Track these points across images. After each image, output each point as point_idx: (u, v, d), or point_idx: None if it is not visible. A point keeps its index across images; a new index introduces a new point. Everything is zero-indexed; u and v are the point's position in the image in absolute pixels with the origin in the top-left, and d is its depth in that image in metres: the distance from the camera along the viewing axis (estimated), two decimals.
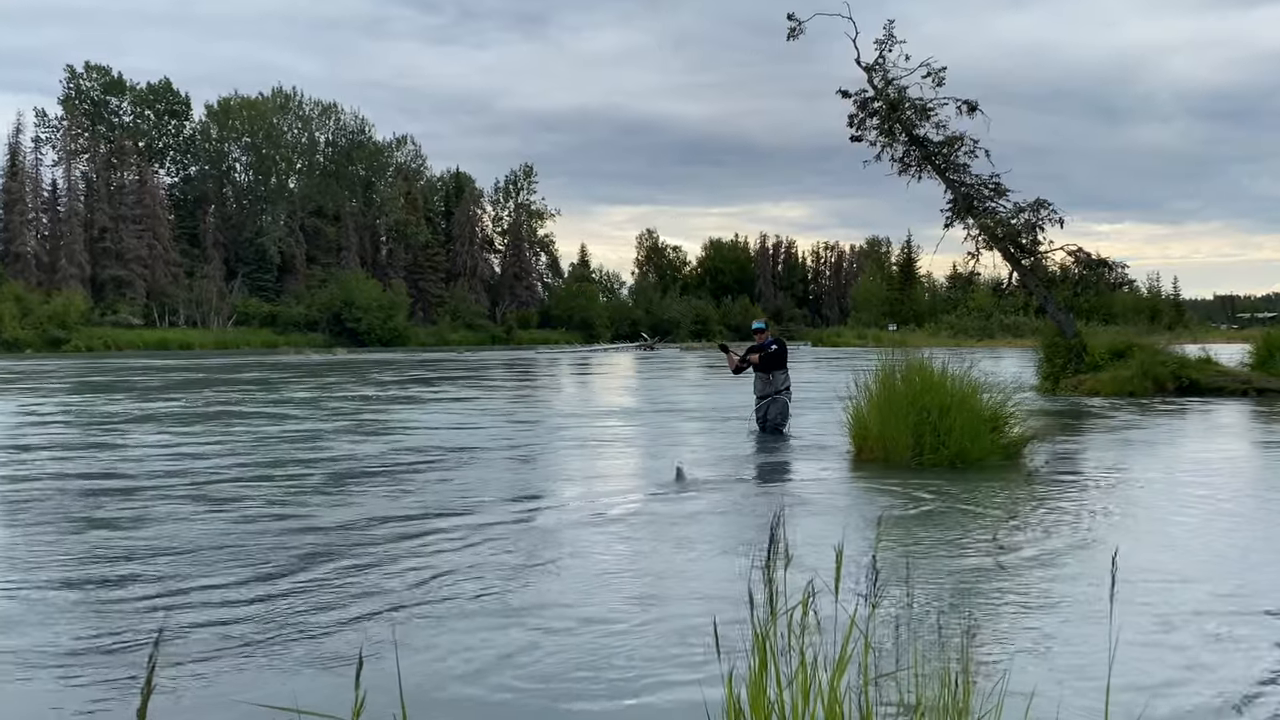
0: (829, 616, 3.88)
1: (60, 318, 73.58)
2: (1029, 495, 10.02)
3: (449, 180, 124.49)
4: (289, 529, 8.32)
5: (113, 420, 18.73)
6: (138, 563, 7.16)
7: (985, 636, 5.38)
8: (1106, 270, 27.88)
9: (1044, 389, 25.77)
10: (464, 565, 7.02)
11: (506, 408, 22.23)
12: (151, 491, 10.34)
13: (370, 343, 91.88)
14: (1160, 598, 6.13)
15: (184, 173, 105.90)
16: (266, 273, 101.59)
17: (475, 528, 8.34)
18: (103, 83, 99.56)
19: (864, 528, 8.36)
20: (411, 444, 14.64)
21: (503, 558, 7.30)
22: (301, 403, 23.12)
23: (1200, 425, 18.06)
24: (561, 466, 12.86)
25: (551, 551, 7.55)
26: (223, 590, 6.37)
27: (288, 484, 10.87)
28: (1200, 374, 24.53)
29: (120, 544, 7.78)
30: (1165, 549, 7.62)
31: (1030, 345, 32.47)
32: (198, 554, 7.39)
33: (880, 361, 12.62)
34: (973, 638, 5.35)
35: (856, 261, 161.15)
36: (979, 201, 27.20)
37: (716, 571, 6.84)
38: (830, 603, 3.61)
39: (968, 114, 26.67)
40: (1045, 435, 14.59)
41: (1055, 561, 7.07)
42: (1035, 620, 5.69)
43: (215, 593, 6.32)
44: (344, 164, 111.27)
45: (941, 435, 11.64)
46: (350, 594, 6.27)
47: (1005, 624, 5.64)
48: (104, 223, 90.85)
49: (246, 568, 6.96)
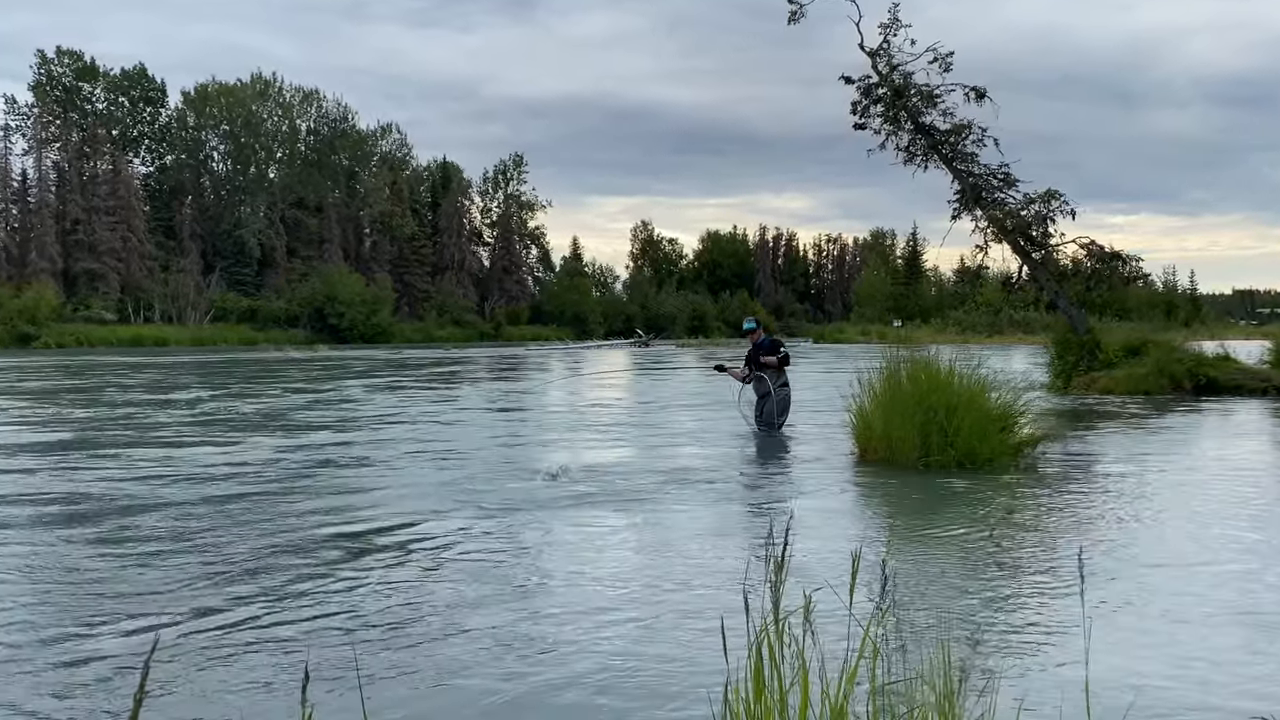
0: (829, 626, 3.85)
1: (30, 313, 73.36)
2: (1039, 498, 10.00)
3: (435, 170, 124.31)
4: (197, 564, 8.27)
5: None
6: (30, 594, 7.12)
7: (990, 646, 5.36)
8: (1120, 264, 27.91)
9: (1055, 387, 25.78)
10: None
11: (483, 419, 22.17)
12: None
13: (353, 339, 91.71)
14: (1172, 604, 6.11)
15: (159, 162, 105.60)
16: (245, 266, 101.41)
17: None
18: (75, 68, 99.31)
19: (869, 532, 8.34)
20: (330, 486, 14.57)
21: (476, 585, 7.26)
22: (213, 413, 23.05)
23: (1218, 425, 18.06)
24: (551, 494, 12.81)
25: (552, 564, 7.52)
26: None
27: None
28: (1218, 372, 24.54)
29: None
30: (1179, 555, 7.60)
31: (1041, 342, 32.46)
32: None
33: (885, 359, 12.60)
34: (976, 646, 5.33)
35: (860, 255, 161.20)
36: (987, 192, 27.21)
37: (717, 577, 6.81)
38: (831, 612, 3.60)
39: (976, 101, 26.68)
40: (1056, 435, 14.58)
41: (1065, 568, 7.03)
42: (1041, 626, 5.67)
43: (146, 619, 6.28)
44: (326, 153, 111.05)
45: (949, 435, 11.63)
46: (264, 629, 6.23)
47: (1009, 631, 5.62)
48: (76, 214, 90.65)
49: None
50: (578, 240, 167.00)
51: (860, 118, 27.60)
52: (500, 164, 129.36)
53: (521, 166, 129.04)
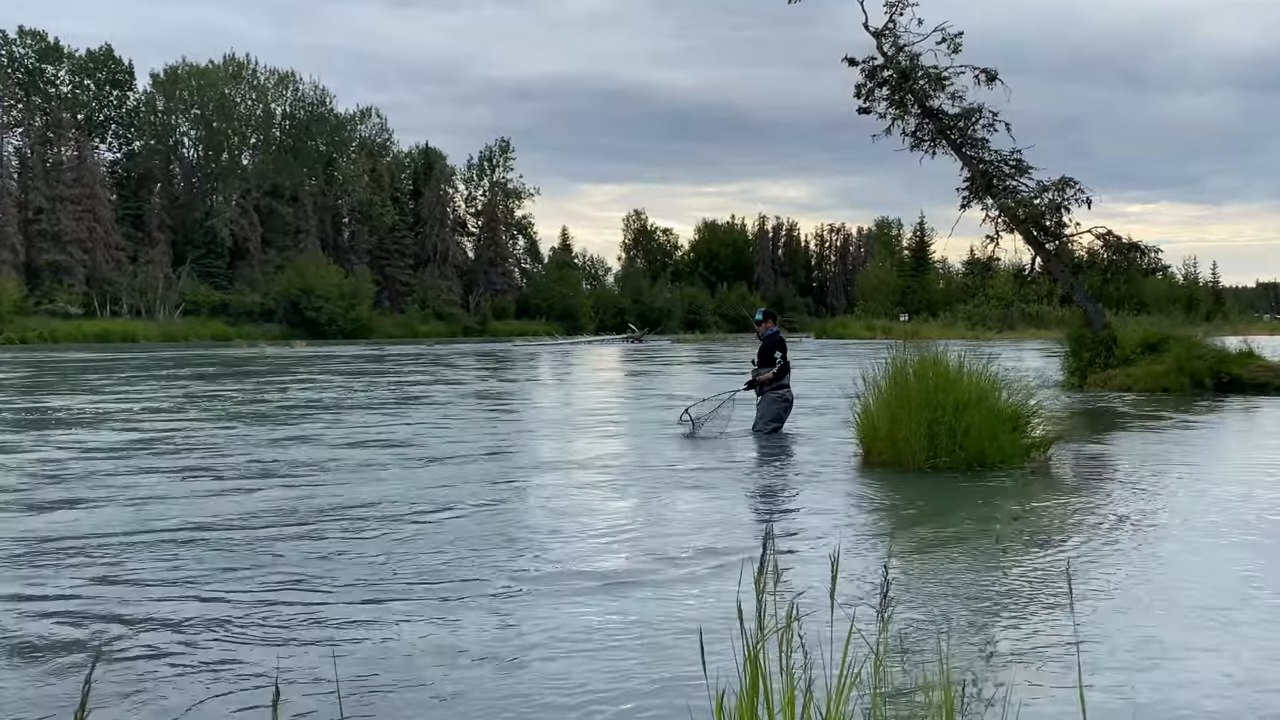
0: (825, 634, 3.80)
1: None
2: (1051, 503, 9.97)
3: (417, 156, 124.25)
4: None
5: None
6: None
7: (998, 658, 5.32)
8: (1138, 255, 27.92)
9: (1070, 385, 25.79)
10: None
11: (457, 435, 22.09)
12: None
13: (332, 334, 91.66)
14: (1188, 620, 6.07)
15: (127, 148, 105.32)
16: (218, 258, 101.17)
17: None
18: (38, 49, 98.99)
19: (870, 538, 8.29)
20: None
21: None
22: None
23: (1242, 426, 18.06)
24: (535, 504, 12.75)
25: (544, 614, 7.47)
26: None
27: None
28: (1241, 369, 24.53)
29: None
30: (1197, 566, 7.56)
31: (1054, 337, 32.48)
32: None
33: (891, 355, 12.56)
34: (988, 658, 5.30)
35: (864, 245, 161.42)
36: (999, 179, 27.20)
37: (709, 584, 6.77)
38: (826, 620, 3.56)
39: (986, 84, 26.66)
40: (1071, 436, 14.56)
41: (1080, 576, 6.99)
42: (1043, 638, 5.63)
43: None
44: (302, 139, 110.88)
45: (958, 436, 11.58)
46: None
47: (1010, 643, 5.58)
48: (39, 203, 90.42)
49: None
50: (567, 230, 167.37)
51: (865, 101, 27.60)
52: (485, 150, 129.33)
53: (508, 153, 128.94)
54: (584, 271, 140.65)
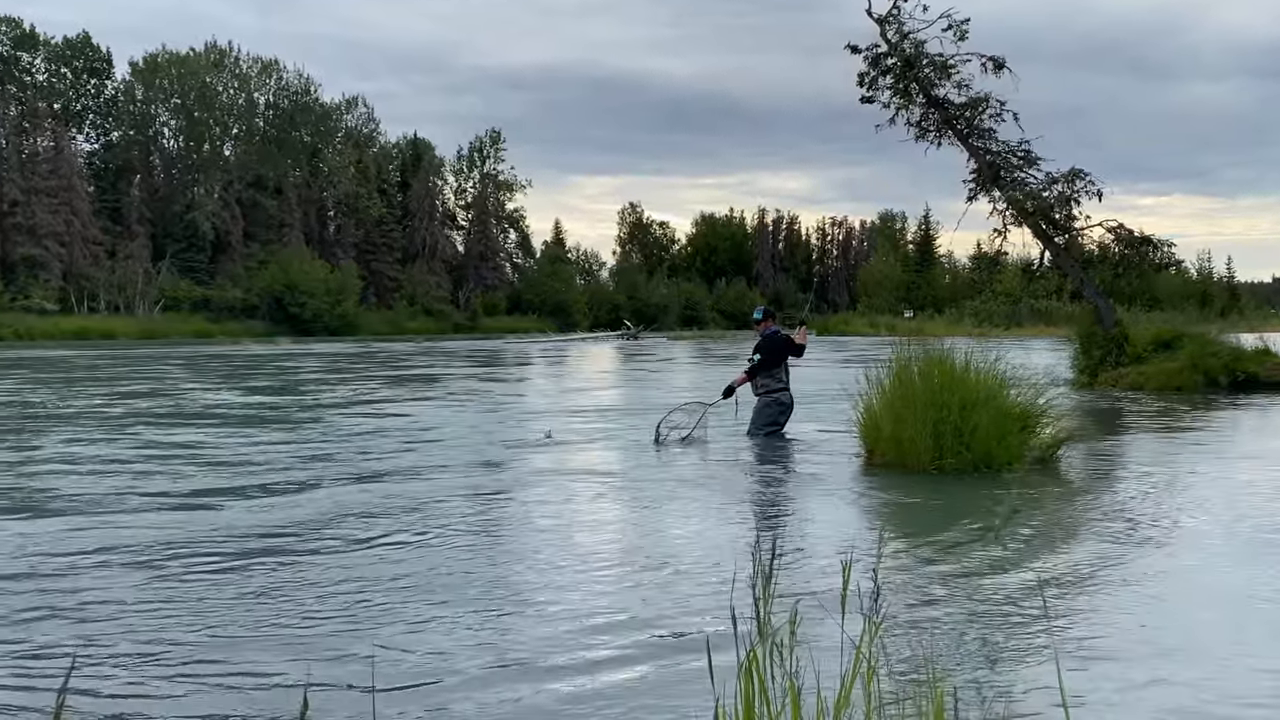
0: (822, 642, 3.81)
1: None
2: (1060, 506, 9.98)
3: (405, 147, 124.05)
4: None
5: None
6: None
7: (1003, 668, 5.33)
8: (1151, 249, 27.95)
9: (1080, 383, 25.84)
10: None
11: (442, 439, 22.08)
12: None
13: (317, 331, 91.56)
14: (1198, 634, 6.08)
15: (105, 139, 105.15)
16: (199, 252, 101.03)
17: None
18: (12, 36, 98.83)
19: (870, 541, 8.30)
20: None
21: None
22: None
23: (1259, 426, 18.09)
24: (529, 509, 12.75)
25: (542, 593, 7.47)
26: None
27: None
28: (1258, 367, 24.58)
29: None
30: (1213, 570, 7.56)
31: (1064, 334, 32.52)
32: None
33: (895, 353, 12.55)
34: (994, 665, 5.30)
35: (867, 239, 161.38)
36: (1006, 171, 27.22)
37: (705, 586, 6.77)
38: (830, 626, 3.57)
39: (993, 72, 26.68)
40: (1082, 436, 14.56)
41: (1088, 585, 6.99)
42: (1044, 647, 5.63)
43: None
44: (286, 129, 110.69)
45: (964, 436, 11.58)
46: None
47: (1010, 651, 5.59)
48: (14, 195, 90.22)
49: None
50: (560, 224, 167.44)
51: (868, 90, 27.62)
52: (476, 141, 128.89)
53: (499, 144, 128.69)
54: (578, 266, 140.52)
